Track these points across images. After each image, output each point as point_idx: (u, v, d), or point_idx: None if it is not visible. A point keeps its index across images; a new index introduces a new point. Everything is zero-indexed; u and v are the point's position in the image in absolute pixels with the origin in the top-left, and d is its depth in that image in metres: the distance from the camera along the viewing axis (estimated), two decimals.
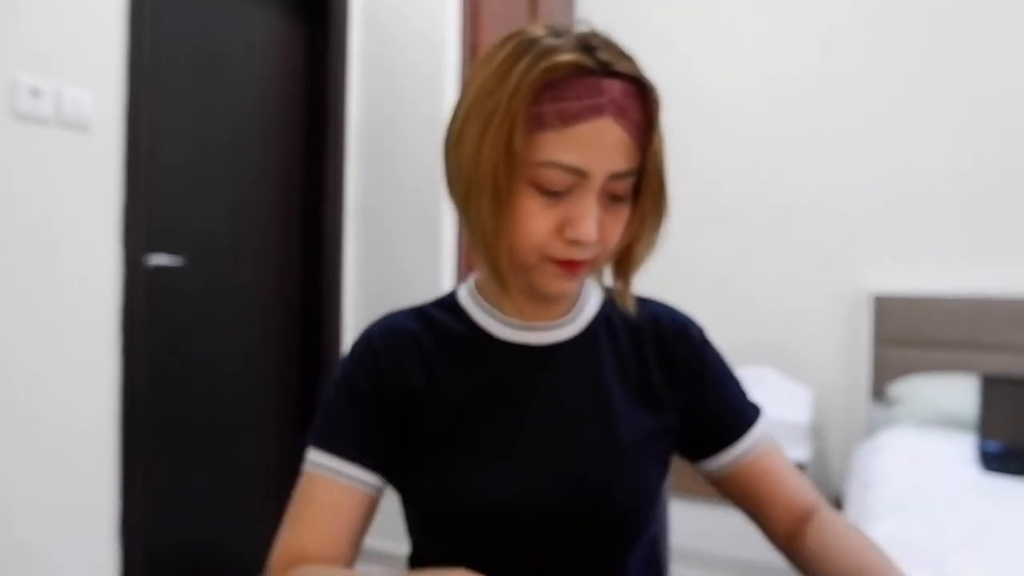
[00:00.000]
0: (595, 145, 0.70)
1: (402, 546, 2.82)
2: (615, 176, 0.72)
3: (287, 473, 2.76)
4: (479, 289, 0.87)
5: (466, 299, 0.87)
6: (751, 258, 3.39)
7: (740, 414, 0.90)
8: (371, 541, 2.89)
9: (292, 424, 2.80)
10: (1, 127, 1.76)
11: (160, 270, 2.24)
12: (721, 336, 3.32)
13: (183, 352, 2.37)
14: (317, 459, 0.79)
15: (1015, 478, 2.14)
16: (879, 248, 3.16)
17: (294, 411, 2.81)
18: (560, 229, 0.72)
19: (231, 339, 2.55)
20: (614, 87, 0.71)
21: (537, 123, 0.70)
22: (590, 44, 0.71)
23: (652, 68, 3.54)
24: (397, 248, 2.85)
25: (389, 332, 0.84)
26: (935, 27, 3.07)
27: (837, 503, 2.83)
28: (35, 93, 1.80)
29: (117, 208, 2.03)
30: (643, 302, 0.93)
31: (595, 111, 0.70)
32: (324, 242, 2.82)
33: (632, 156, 0.72)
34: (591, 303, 0.90)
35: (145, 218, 2.11)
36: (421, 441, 0.79)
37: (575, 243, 0.72)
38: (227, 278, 2.53)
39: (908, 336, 3.02)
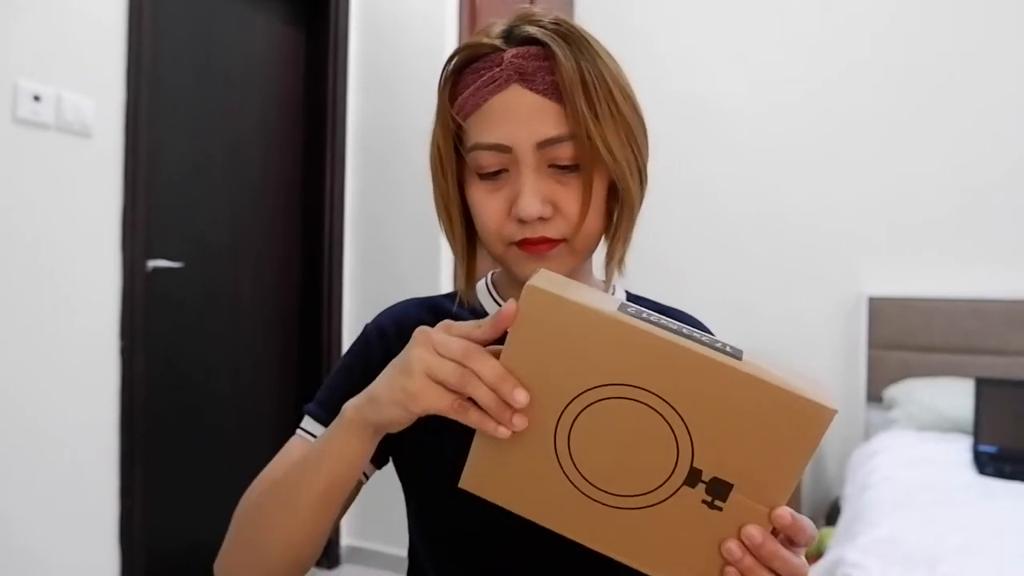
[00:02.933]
0: (510, 117, 0.69)
1: (398, 548, 2.82)
2: (545, 143, 0.69)
3: None
4: (494, 282, 0.87)
5: (482, 291, 0.87)
6: (748, 262, 3.40)
7: None
8: (368, 543, 2.89)
9: (291, 428, 2.79)
10: (2, 132, 1.77)
11: (160, 274, 2.25)
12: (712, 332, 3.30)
13: (182, 356, 2.37)
14: (304, 424, 0.84)
15: (1010, 481, 2.15)
16: (875, 252, 3.17)
17: (293, 415, 2.81)
18: (510, 211, 0.71)
19: (230, 343, 2.56)
20: (516, 54, 0.70)
21: (461, 115, 0.73)
22: (508, 24, 0.73)
23: (652, 76, 3.56)
24: (396, 253, 2.85)
25: (400, 318, 0.86)
26: (930, 36, 3.09)
27: (835, 506, 2.84)
28: (36, 99, 1.81)
29: (117, 213, 2.04)
30: (671, 312, 0.89)
31: (497, 82, 0.70)
32: (323, 247, 2.83)
33: (561, 119, 0.69)
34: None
35: (145, 223, 2.11)
36: (419, 429, 0.78)
37: (521, 221, 0.70)
38: (226, 283, 2.54)
39: (904, 339, 3.03)
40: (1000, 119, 2.97)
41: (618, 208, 0.75)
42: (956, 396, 2.72)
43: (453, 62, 0.74)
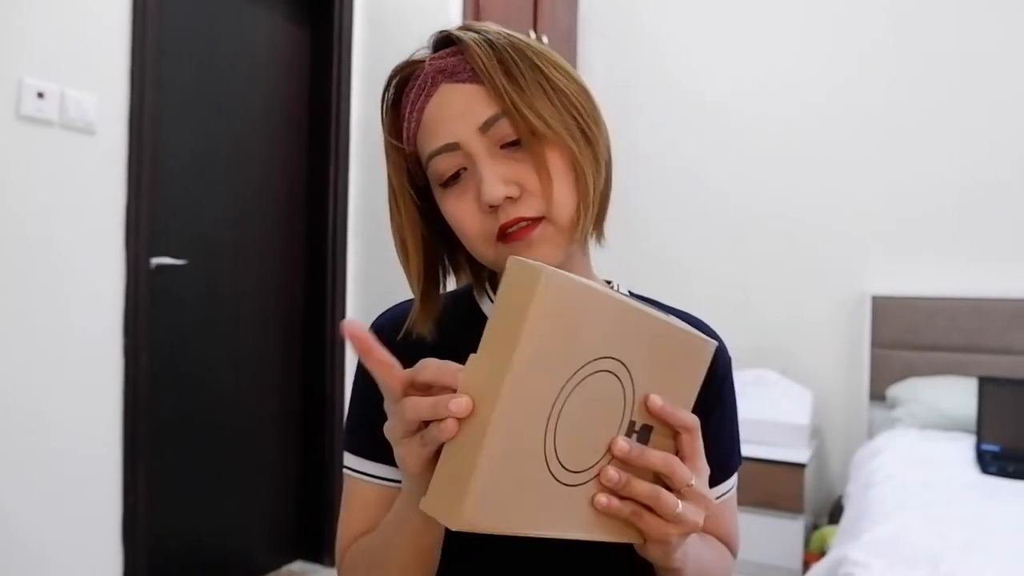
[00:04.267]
0: (445, 115, 0.71)
1: None
2: (485, 126, 0.69)
3: (290, 475, 2.76)
4: (491, 280, 0.86)
5: (481, 294, 0.86)
6: (751, 261, 3.39)
7: (726, 462, 0.85)
8: None
9: (295, 425, 2.81)
10: (6, 129, 1.77)
11: (163, 272, 2.25)
12: (722, 338, 3.29)
13: (185, 353, 2.37)
14: (347, 461, 0.83)
15: (1013, 480, 2.15)
16: (879, 251, 3.17)
17: (297, 412, 2.82)
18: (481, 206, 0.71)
19: (234, 340, 2.56)
20: (434, 58, 0.73)
21: (411, 139, 0.75)
22: (431, 39, 0.76)
23: (657, 76, 3.55)
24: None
25: (398, 321, 0.85)
26: (934, 35, 3.08)
27: (837, 505, 2.83)
28: (40, 96, 1.82)
29: (121, 210, 2.04)
30: (677, 313, 0.86)
31: (425, 89, 0.72)
32: (327, 245, 2.83)
33: (494, 100, 0.69)
34: None
35: (148, 220, 2.12)
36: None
37: (492, 209, 0.70)
38: (230, 280, 2.54)
39: (908, 338, 3.02)
40: (1003, 119, 2.97)
41: (575, 177, 0.72)
42: (959, 395, 2.72)
43: (389, 93, 0.77)
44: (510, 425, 0.49)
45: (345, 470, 0.84)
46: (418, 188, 0.77)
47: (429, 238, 0.79)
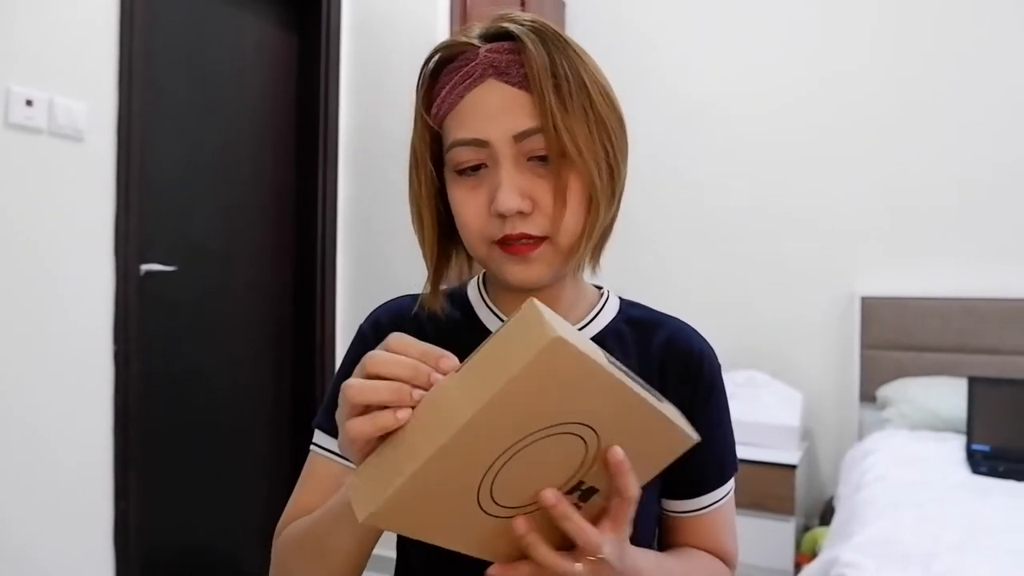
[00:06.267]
0: (485, 111, 0.69)
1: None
2: (521, 136, 0.68)
3: (281, 478, 2.75)
4: (484, 282, 0.87)
5: (472, 290, 0.87)
6: (741, 262, 3.40)
7: (722, 467, 0.85)
8: None
9: (286, 429, 2.80)
10: None
11: (153, 279, 2.24)
12: (712, 340, 3.30)
13: (176, 359, 2.37)
14: (316, 439, 0.83)
15: (1004, 479, 2.16)
16: (868, 251, 3.18)
17: (288, 416, 2.81)
18: (491, 209, 0.70)
19: (224, 346, 2.56)
20: (490, 49, 0.71)
21: (439, 115, 0.73)
22: (485, 24, 0.73)
23: (643, 76, 3.56)
24: (389, 254, 2.85)
25: (395, 314, 0.86)
26: (926, 35, 3.10)
27: (829, 506, 2.84)
28: (28, 103, 1.81)
29: (110, 217, 2.03)
30: (665, 319, 0.87)
31: (472, 78, 0.70)
32: (316, 250, 2.83)
33: (537, 113, 0.68)
34: (604, 315, 0.84)
35: (138, 227, 2.11)
36: None
37: (501, 216, 0.69)
38: (220, 285, 2.53)
39: (898, 339, 3.04)
40: (994, 118, 2.99)
41: (588, 205, 0.72)
42: (949, 395, 2.74)
43: (431, 62, 0.75)
44: (458, 453, 0.48)
45: (312, 447, 0.83)
46: (435, 161, 0.77)
47: (444, 213, 0.79)
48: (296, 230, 2.86)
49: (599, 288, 0.88)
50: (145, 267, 2.20)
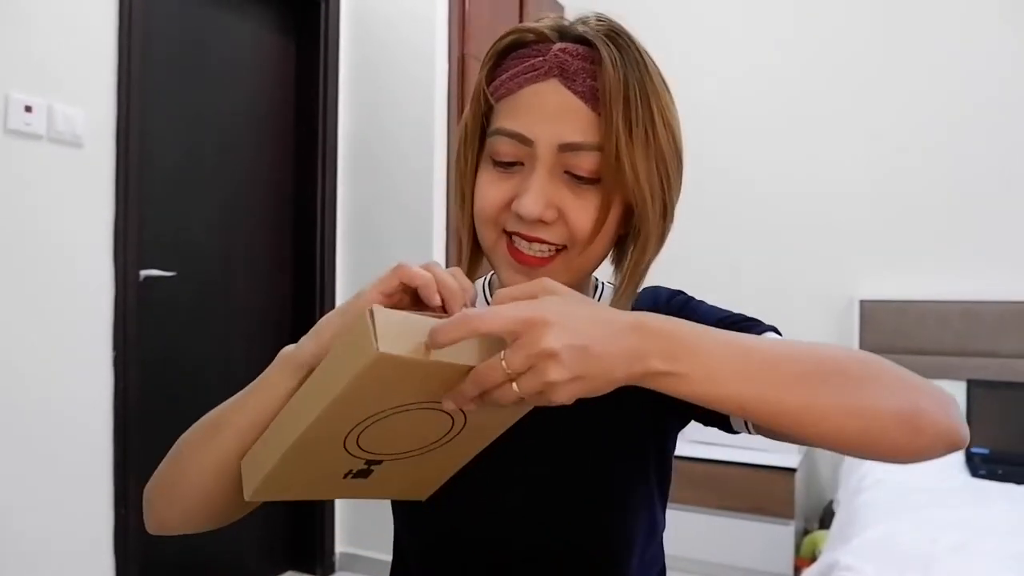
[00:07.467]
0: (539, 110, 0.67)
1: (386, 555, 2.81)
2: (568, 147, 0.66)
3: None
4: (491, 284, 0.86)
5: (478, 290, 0.86)
6: (740, 264, 3.41)
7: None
8: (362, 550, 2.89)
9: None
10: None
11: (152, 284, 2.25)
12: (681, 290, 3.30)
13: (176, 363, 2.37)
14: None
15: (1003, 483, 2.16)
16: (868, 254, 3.19)
17: None
18: (511, 203, 0.68)
19: (224, 351, 2.56)
20: (563, 49, 0.67)
21: (494, 96, 0.71)
22: (562, 20, 0.71)
23: None
24: (389, 257, 2.83)
25: None
26: (926, 36, 3.11)
27: (828, 511, 2.84)
28: (27, 109, 1.81)
29: (109, 222, 2.04)
30: (642, 293, 0.85)
31: (535, 72, 0.68)
32: (316, 254, 2.83)
33: (592, 128, 0.66)
34: None
35: (137, 232, 2.11)
36: None
37: (520, 217, 0.67)
38: (219, 289, 2.54)
39: (896, 342, 3.04)
40: (992, 121, 2.99)
41: (632, 236, 0.71)
42: None
43: (502, 43, 0.72)
44: (308, 445, 0.58)
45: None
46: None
47: None
48: (295, 234, 2.86)
49: (594, 280, 0.87)
50: (145, 272, 2.20)
